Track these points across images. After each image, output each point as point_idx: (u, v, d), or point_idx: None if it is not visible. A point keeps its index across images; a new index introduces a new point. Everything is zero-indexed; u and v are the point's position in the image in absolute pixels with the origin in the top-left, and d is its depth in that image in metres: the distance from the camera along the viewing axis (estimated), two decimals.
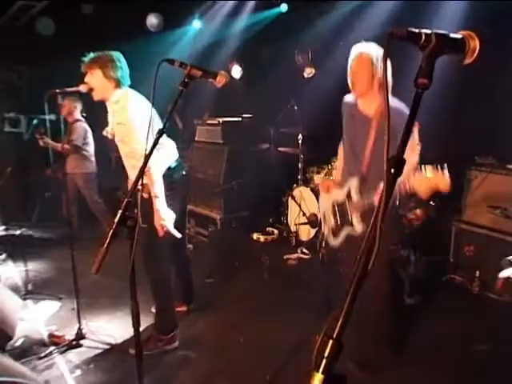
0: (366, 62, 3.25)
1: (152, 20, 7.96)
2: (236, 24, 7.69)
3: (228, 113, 7.18)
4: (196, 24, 8.33)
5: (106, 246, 1.89)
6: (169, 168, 3.80)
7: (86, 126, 6.75)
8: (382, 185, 1.14)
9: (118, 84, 3.69)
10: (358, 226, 3.34)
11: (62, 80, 3.73)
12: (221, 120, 7.01)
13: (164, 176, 3.66)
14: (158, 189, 3.58)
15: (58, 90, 3.69)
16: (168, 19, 8.03)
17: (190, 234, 6.78)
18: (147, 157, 2.13)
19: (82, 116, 6.80)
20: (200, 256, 5.78)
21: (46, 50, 7.64)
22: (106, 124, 3.84)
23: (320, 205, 3.87)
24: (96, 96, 3.77)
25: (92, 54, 3.71)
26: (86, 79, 3.70)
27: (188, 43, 8.40)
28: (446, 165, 2.81)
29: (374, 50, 3.25)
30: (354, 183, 3.41)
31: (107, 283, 5.08)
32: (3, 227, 7.31)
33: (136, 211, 2.15)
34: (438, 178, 2.80)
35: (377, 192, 3.12)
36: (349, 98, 3.55)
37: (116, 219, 1.96)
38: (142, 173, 2.11)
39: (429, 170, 2.84)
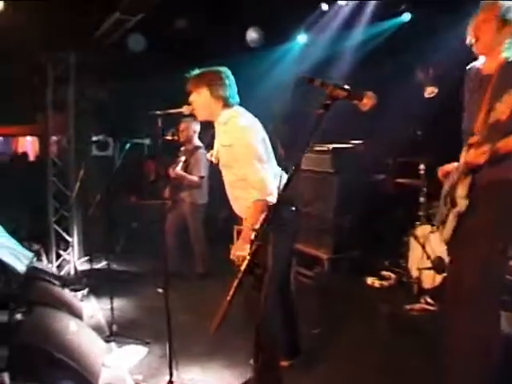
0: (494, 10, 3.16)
1: (252, 34, 8.07)
2: (349, 38, 7.59)
3: (336, 138, 7.00)
4: (301, 38, 8.36)
5: (229, 299, 1.88)
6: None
7: (205, 152, 6.77)
8: None
9: (226, 103, 3.71)
10: None
11: (155, 100, 3.76)
12: (331, 146, 6.89)
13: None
14: (257, 222, 3.43)
15: (158, 112, 3.68)
16: (270, 33, 8.07)
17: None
18: (282, 195, 2.13)
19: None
20: (304, 301, 5.45)
21: (137, 68, 7.95)
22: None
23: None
24: (201, 116, 3.83)
25: (197, 71, 3.76)
26: (190, 99, 3.75)
27: (293, 60, 8.42)
28: None
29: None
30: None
31: (202, 328, 5.04)
32: (86, 258, 7.57)
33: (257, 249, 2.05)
34: None
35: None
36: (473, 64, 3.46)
37: (243, 266, 1.94)
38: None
39: None
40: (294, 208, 3.79)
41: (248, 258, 1.97)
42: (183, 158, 6.45)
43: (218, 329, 1.91)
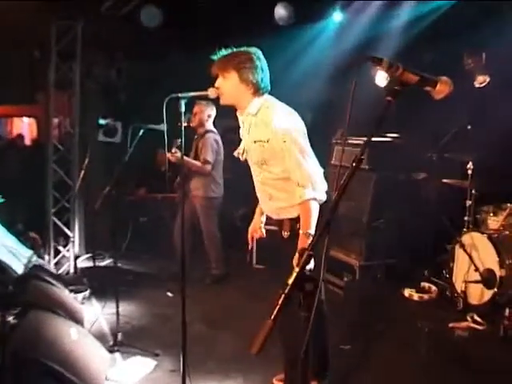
0: None
1: (280, 11, 7.80)
2: (391, 18, 7.33)
3: (370, 130, 6.75)
4: (337, 17, 8.16)
5: (273, 318, 1.77)
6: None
7: (218, 138, 6.63)
8: None
9: (257, 90, 3.60)
10: None
11: (171, 81, 3.56)
12: (366, 139, 6.54)
13: None
14: (313, 225, 3.44)
15: (180, 95, 3.48)
16: (300, 10, 7.79)
17: None
18: (340, 194, 2.00)
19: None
20: (332, 313, 5.15)
21: (151, 46, 7.77)
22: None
23: None
24: (226, 101, 3.66)
25: (225, 51, 3.62)
26: (217, 83, 3.62)
27: (327, 42, 8.22)
28: None
29: None
30: None
31: (218, 340, 4.97)
32: (87, 256, 7.41)
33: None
34: None
35: None
36: None
37: (291, 280, 1.85)
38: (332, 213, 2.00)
39: None
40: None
41: (297, 269, 1.86)
42: (179, 141, 5.90)
43: (261, 351, 1.75)
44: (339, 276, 6.58)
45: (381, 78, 6.84)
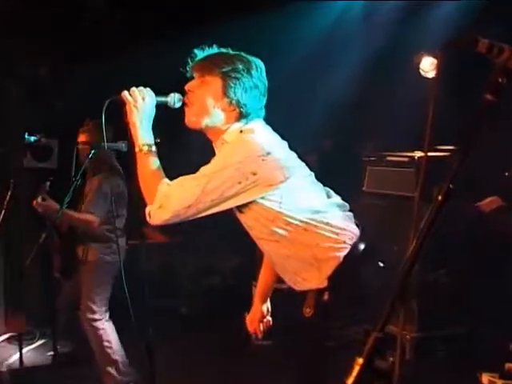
0: None
1: None
2: None
3: (418, 142, 6.21)
4: None
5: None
6: None
7: (120, 182, 6.17)
8: None
9: (242, 113, 3.48)
10: None
11: (129, 82, 3.60)
12: (416, 155, 6.38)
13: None
14: None
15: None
16: None
17: None
18: (417, 248, 1.98)
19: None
20: None
21: (100, 32, 7.64)
22: None
23: None
24: (193, 116, 3.54)
25: (212, 50, 3.53)
26: (188, 85, 3.51)
27: (354, 23, 8.47)
28: None
29: None
30: None
31: None
32: (7, 336, 7.25)
33: None
34: None
35: None
36: None
37: (362, 359, 1.85)
38: None
39: None
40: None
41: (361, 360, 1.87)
42: (48, 184, 5.83)
43: None
44: (382, 354, 6.18)
45: (428, 67, 6.80)
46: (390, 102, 7.24)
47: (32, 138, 7.17)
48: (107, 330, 6.06)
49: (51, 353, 6.80)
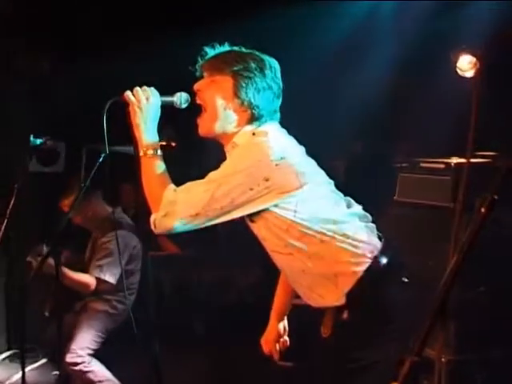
0: None
1: None
2: None
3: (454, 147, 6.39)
4: None
5: None
6: None
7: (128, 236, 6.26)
8: None
9: (254, 115, 3.53)
10: None
11: (139, 79, 3.79)
12: (453, 161, 6.25)
13: None
14: None
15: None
16: None
17: None
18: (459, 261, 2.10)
19: None
20: None
21: (101, 28, 7.81)
22: None
23: None
24: (204, 127, 3.63)
25: (223, 48, 3.59)
26: (197, 84, 3.58)
27: (385, 19, 8.44)
28: None
29: None
30: None
31: None
32: (9, 354, 7.56)
33: None
34: None
35: None
36: None
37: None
38: None
39: None
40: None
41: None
42: (45, 248, 5.66)
43: None
44: (414, 377, 6.08)
45: (466, 66, 6.68)
46: (424, 103, 7.03)
47: (38, 141, 7.09)
48: (94, 369, 6.10)
49: (56, 372, 6.71)
